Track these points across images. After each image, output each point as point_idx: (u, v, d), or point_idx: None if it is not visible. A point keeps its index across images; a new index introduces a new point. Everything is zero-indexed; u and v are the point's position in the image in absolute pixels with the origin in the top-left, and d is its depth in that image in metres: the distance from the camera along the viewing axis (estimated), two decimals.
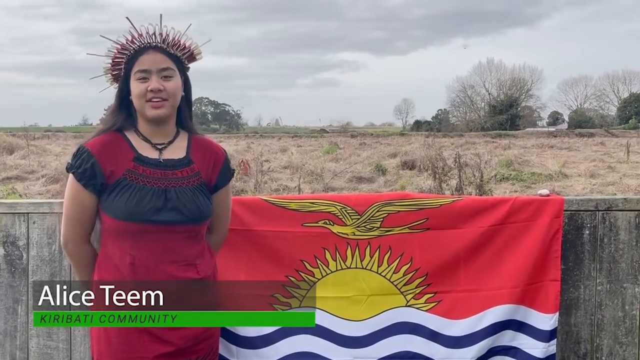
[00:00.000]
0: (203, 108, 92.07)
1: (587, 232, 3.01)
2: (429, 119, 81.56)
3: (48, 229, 2.99)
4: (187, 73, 2.21)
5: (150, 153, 2.13)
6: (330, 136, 46.57)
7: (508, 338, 2.86)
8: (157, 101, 2.07)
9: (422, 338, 2.85)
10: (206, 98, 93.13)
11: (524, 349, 2.85)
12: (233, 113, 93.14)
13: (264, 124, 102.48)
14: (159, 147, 2.14)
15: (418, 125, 76.37)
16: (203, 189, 2.16)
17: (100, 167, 2.04)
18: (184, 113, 2.21)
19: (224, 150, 2.30)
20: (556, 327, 2.87)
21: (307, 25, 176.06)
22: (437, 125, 72.21)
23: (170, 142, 2.17)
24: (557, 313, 2.86)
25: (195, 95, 2.29)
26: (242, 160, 15.71)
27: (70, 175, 2.08)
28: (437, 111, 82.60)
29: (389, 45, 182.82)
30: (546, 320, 2.84)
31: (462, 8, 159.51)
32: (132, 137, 2.14)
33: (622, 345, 3.04)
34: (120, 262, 2.05)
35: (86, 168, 2.04)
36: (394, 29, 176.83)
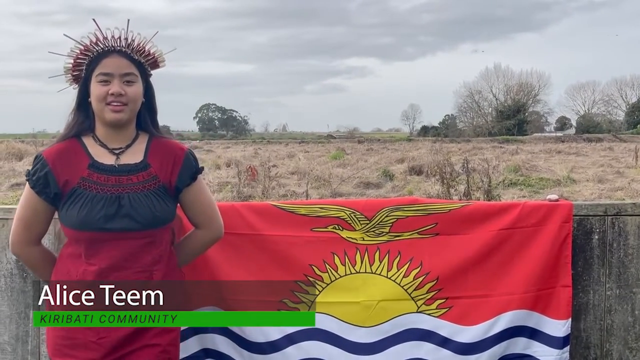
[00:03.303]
0: (210, 114, 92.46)
1: (596, 237, 3.01)
2: (436, 124, 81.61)
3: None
4: (150, 79, 2.18)
5: (106, 159, 2.09)
6: (337, 142, 46.55)
7: (522, 346, 2.85)
8: (117, 105, 2.04)
9: (432, 345, 2.84)
10: (213, 104, 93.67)
11: (537, 357, 2.84)
12: (240, 119, 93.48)
13: (271, 130, 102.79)
14: (116, 151, 2.11)
15: (425, 130, 76.36)
16: (161, 193, 2.10)
17: (54, 177, 2.04)
18: (144, 117, 2.18)
19: (187, 150, 2.20)
20: (569, 334, 2.86)
21: (315, 31, 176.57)
22: (445, 131, 72.08)
23: (129, 146, 2.13)
24: (570, 319, 2.85)
25: (202, 101, 2.36)
26: (249, 166, 15.71)
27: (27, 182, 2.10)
28: (445, 116, 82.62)
29: (398, 51, 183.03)
30: (559, 327, 2.84)
31: (472, 13, 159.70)
32: (88, 142, 2.11)
33: (632, 351, 3.03)
34: (74, 269, 2.06)
35: (40, 176, 2.05)
36: (402, 34, 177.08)
